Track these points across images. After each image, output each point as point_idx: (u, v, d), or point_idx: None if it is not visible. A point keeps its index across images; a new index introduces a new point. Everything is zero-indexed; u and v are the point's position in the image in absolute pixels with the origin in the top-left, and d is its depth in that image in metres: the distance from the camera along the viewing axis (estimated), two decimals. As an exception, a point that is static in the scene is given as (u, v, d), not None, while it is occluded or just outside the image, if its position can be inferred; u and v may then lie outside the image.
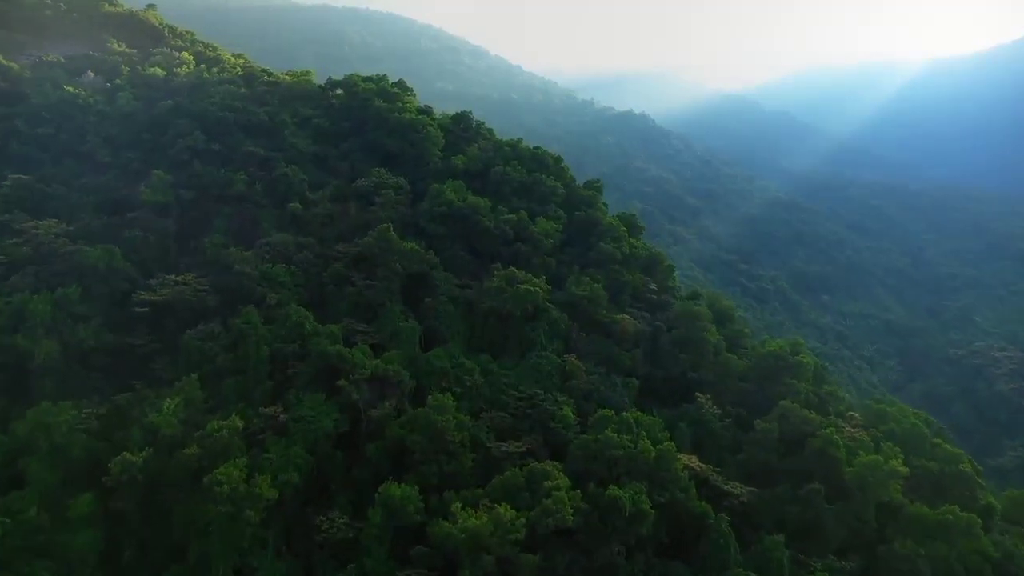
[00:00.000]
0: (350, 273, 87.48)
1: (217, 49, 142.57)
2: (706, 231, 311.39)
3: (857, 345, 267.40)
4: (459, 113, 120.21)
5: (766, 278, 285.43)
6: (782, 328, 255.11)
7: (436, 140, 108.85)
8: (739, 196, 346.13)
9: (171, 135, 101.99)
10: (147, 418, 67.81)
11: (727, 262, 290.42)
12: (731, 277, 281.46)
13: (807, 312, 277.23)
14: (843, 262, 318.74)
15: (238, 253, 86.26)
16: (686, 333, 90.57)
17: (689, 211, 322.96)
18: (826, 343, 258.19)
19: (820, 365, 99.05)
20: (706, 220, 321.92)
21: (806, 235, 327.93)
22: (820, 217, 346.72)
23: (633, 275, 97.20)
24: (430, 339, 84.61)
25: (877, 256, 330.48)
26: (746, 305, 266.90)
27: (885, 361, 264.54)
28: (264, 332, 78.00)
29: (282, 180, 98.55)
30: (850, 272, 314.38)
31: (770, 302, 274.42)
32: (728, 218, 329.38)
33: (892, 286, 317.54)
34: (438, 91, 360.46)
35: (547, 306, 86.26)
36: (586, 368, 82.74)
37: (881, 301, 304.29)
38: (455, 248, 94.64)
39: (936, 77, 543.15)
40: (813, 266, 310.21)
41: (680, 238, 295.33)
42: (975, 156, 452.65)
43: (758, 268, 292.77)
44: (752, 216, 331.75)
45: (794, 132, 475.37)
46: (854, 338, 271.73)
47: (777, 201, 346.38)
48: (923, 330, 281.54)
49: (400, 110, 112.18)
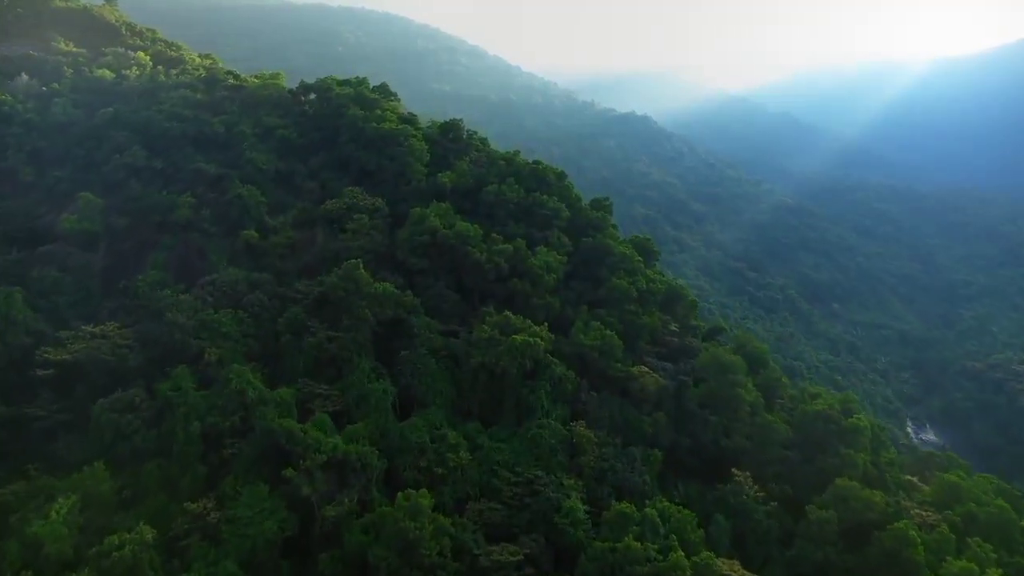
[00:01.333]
0: (310, 320, 70.19)
1: (180, 49, 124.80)
2: (711, 237, 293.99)
3: (870, 357, 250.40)
4: (448, 121, 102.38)
5: (775, 286, 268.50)
6: (793, 340, 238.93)
7: (420, 154, 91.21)
8: (744, 200, 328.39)
9: (107, 150, 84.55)
10: (29, 528, 50.72)
11: (734, 270, 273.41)
12: (739, 285, 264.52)
13: (817, 322, 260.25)
14: (852, 269, 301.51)
15: (173, 296, 68.95)
16: (716, 387, 73.24)
17: (693, 216, 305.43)
18: (838, 355, 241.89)
19: (877, 426, 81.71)
20: (711, 226, 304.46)
21: (814, 241, 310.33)
22: (827, 222, 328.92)
23: (651, 316, 79.86)
24: (407, 402, 67.45)
25: (887, 262, 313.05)
26: (755, 315, 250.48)
27: (900, 374, 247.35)
28: (197, 401, 60.86)
29: (236, 203, 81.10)
30: (860, 279, 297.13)
31: (780, 312, 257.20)
32: (734, 223, 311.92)
33: (903, 294, 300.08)
34: (435, 92, 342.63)
35: (550, 360, 68.94)
36: (598, 438, 65.50)
37: (893, 310, 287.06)
38: (439, 286, 77.21)
39: (939, 77, 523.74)
40: (822, 273, 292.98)
41: (685, 245, 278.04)
42: (980, 158, 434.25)
43: (766, 276, 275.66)
44: (758, 221, 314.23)
45: (797, 133, 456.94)
46: (867, 349, 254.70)
47: (783, 206, 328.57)
48: (938, 341, 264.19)
49: (379, 119, 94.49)
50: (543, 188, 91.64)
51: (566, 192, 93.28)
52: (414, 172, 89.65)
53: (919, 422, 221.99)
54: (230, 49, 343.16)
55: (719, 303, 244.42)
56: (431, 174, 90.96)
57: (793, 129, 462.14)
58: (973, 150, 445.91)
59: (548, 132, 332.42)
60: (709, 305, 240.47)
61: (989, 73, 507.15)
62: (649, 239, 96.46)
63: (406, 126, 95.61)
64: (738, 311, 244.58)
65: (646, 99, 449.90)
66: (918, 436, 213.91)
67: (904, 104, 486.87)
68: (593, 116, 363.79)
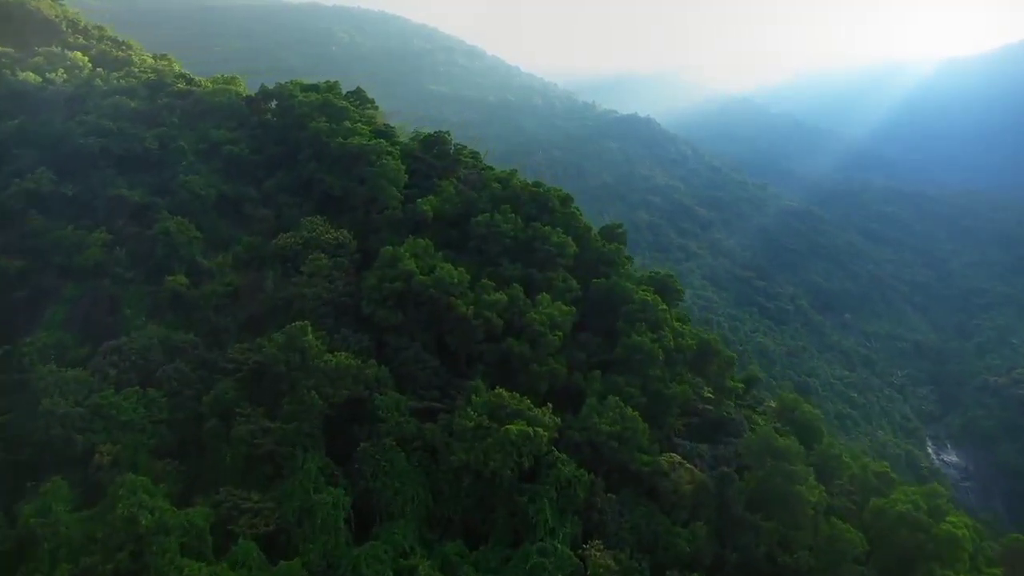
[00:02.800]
0: (243, 401, 52.22)
1: (130, 49, 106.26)
2: (718, 244, 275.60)
3: (885, 371, 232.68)
4: (432, 135, 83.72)
5: (785, 296, 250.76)
6: (806, 354, 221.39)
7: (395, 175, 72.79)
8: (751, 205, 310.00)
9: (6, 172, 66.44)
10: None
11: (742, 279, 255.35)
12: (747, 295, 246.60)
13: (829, 334, 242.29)
14: (863, 276, 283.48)
15: (58, 372, 50.90)
16: (767, 482, 55.21)
17: (699, 222, 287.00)
18: (853, 370, 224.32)
19: (976, 527, 63.41)
20: (717, 232, 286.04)
21: (823, 247, 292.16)
22: (835, 227, 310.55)
23: (681, 382, 61.76)
24: (366, 515, 49.55)
25: (899, 269, 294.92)
26: (765, 328, 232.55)
27: (917, 389, 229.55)
28: (71, 531, 43.04)
29: (162, 240, 62.97)
30: (871, 287, 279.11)
31: (790, 323, 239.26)
32: (740, 229, 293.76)
33: (917, 302, 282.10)
34: (431, 93, 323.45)
35: (555, 457, 50.94)
36: (620, 565, 47.63)
37: (907, 319, 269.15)
38: (415, 347, 59.11)
39: (944, 78, 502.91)
40: (832, 281, 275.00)
41: (691, 253, 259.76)
42: (986, 159, 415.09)
43: (775, 285, 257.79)
44: (765, 227, 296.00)
45: (799, 135, 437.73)
46: (882, 363, 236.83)
47: (790, 210, 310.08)
48: (955, 353, 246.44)
49: (347, 132, 76.14)
50: (545, 216, 73.32)
51: (572, 220, 74.85)
52: (388, 197, 71.27)
53: (939, 442, 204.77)
54: (220, 50, 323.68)
55: (728, 315, 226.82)
56: (409, 200, 72.65)
57: (796, 130, 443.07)
58: (979, 151, 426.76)
59: (548, 135, 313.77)
60: (718, 318, 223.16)
61: (993, 73, 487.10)
62: (672, 276, 78.20)
63: (380, 141, 77.12)
64: (748, 324, 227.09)
65: (647, 100, 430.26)
66: (939, 457, 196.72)
67: (908, 105, 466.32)
68: (594, 118, 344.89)
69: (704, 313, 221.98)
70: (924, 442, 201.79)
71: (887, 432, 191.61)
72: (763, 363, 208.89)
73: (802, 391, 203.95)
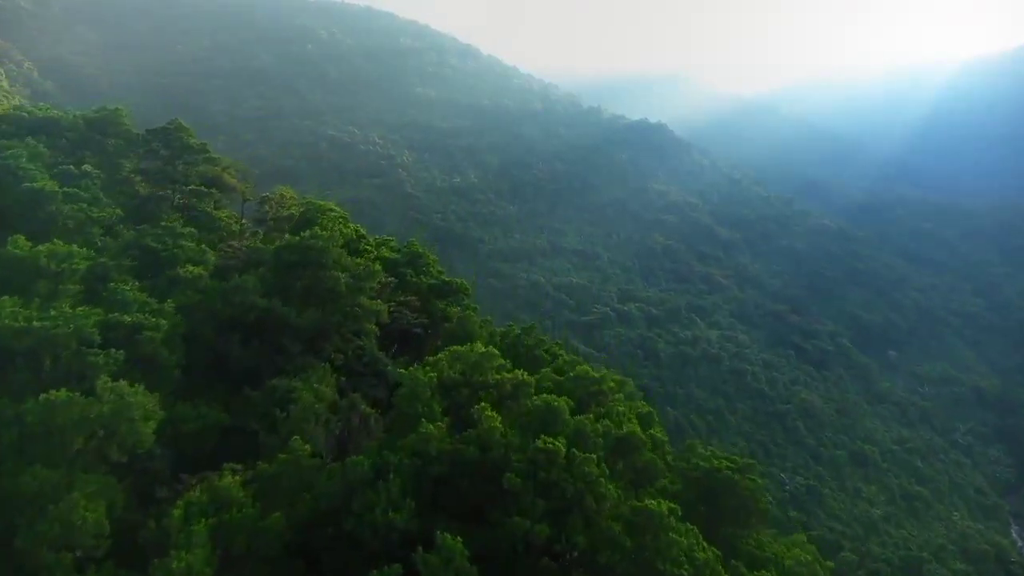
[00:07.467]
0: None
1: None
2: (744, 271, 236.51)
3: (945, 426, 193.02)
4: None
5: (824, 334, 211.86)
6: (858, 411, 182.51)
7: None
8: (777, 224, 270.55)
9: None
10: None
11: (774, 313, 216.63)
12: (782, 334, 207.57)
13: (877, 380, 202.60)
14: (908, 306, 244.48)
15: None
16: None
17: (721, 245, 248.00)
18: (911, 427, 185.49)
19: None
20: (742, 256, 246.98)
21: (861, 272, 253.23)
22: (872, 248, 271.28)
23: None
24: None
25: (946, 298, 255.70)
26: (806, 376, 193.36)
27: (986, 451, 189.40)
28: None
29: None
30: (919, 319, 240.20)
31: (832, 367, 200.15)
32: (767, 252, 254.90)
33: (968, 336, 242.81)
34: (419, 97, 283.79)
35: None
36: None
37: (960, 358, 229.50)
38: None
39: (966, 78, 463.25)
40: (874, 313, 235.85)
41: (715, 284, 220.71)
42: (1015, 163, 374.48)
43: (811, 320, 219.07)
44: (795, 249, 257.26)
45: (821, 142, 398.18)
46: (940, 415, 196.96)
47: (822, 229, 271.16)
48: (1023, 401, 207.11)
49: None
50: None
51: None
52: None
53: (1023, 520, 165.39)
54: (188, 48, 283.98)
55: (762, 361, 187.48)
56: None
57: (815, 137, 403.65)
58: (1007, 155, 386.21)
59: (549, 143, 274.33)
60: (752, 367, 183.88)
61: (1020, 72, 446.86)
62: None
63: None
64: (786, 372, 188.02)
65: (655, 104, 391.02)
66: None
67: (933, 109, 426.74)
68: (600, 124, 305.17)
69: (734, 361, 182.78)
70: (1007, 524, 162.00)
71: (962, 514, 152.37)
72: (811, 426, 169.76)
73: (859, 463, 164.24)
